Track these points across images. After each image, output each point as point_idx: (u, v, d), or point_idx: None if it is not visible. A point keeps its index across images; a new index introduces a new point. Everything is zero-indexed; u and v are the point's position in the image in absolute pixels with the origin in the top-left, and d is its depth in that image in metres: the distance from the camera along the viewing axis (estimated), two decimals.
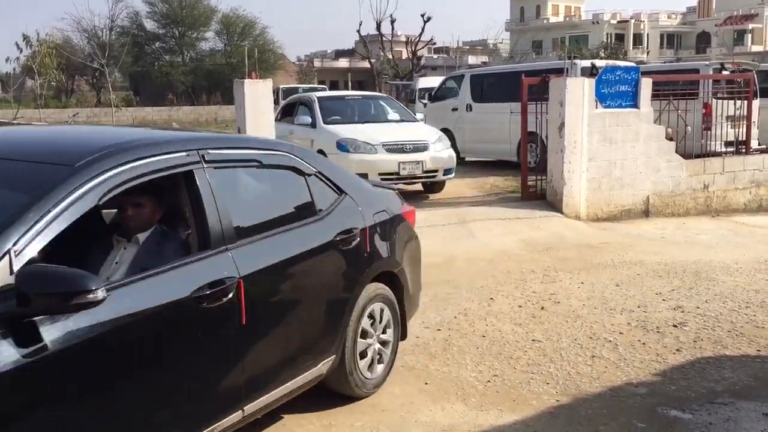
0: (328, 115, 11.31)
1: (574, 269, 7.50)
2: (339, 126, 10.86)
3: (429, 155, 10.38)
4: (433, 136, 10.81)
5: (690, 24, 69.60)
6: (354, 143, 10.13)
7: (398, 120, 11.79)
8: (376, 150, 10.08)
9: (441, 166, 10.54)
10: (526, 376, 4.78)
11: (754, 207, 11.30)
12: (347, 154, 9.88)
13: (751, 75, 12.55)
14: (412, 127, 11.36)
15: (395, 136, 10.50)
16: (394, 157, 10.10)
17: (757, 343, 5.40)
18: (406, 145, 10.27)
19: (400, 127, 11.32)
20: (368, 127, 10.86)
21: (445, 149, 10.79)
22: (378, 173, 9.67)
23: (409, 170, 10.14)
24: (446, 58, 66.03)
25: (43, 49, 19.09)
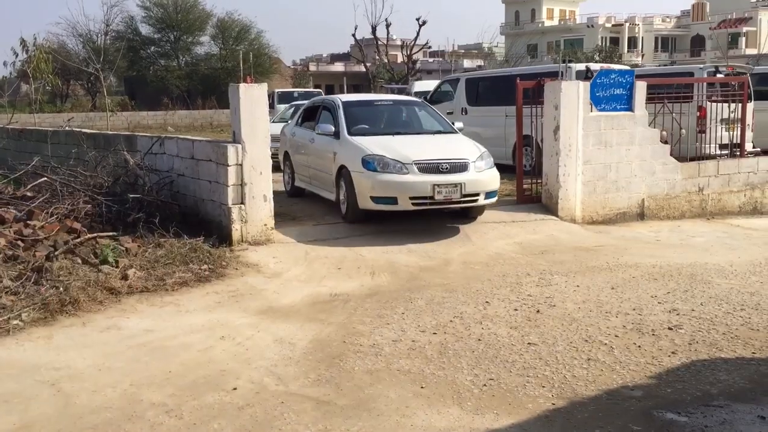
0: (354, 123, 9.72)
1: (570, 272, 7.50)
2: (366, 138, 9.19)
3: (469, 177, 8.66)
4: (474, 153, 9.04)
5: (684, 27, 69.85)
6: (382, 161, 8.57)
7: (434, 131, 10.01)
8: (407, 170, 8.51)
9: (482, 189, 8.82)
10: (522, 380, 4.77)
11: (749, 209, 11.33)
12: (374, 174, 8.52)
13: (746, 78, 12.59)
14: (449, 141, 9.54)
15: (430, 152, 8.86)
16: (428, 179, 8.47)
17: (752, 345, 5.41)
18: (442, 164, 8.61)
19: (435, 140, 9.61)
20: (399, 141, 9.21)
21: (488, 168, 9.00)
22: (409, 197, 8.43)
23: (446, 194, 8.48)
24: (441, 61, 66.10)
25: (39, 54, 19.05)
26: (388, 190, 8.45)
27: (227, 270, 7.34)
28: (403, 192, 8.44)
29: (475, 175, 8.71)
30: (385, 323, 5.88)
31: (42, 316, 5.84)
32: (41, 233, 7.28)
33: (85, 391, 4.59)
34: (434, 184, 8.43)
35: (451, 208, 9.02)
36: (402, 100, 11.34)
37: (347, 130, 9.45)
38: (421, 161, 8.59)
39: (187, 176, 9.06)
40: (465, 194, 8.61)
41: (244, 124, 8.12)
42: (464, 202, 8.77)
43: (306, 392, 4.60)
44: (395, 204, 8.47)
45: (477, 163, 8.83)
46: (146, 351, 5.30)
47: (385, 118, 10.35)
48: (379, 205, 8.54)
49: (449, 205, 8.75)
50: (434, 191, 8.44)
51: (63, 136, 12.81)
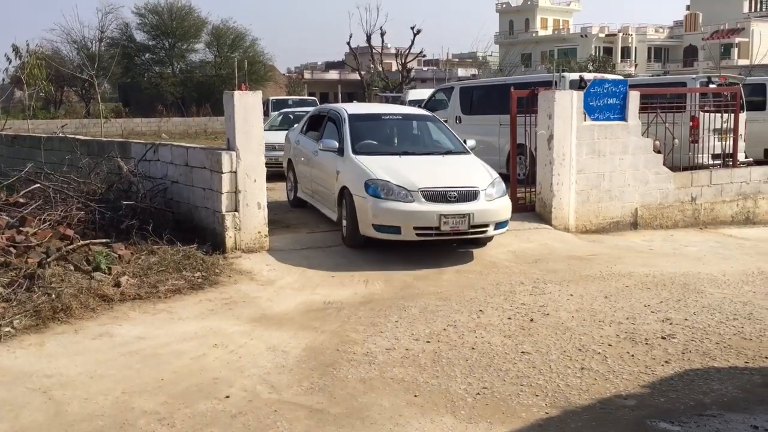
0: (360, 138, 9.11)
1: (563, 281, 7.51)
2: (371, 159, 8.57)
3: (478, 206, 8.07)
4: (485, 179, 8.41)
5: (677, 38, 70.24)
6: (386, 187, 8.00)
7: (444, 151, 9.26)
8: (413, 198, 7.93)
9: (492, 220, 8.23)
10: (515, 389, 4.77)
11: (742, 219, 11.38)
12: (377, 200, 7.94)
13: (738, 88, 12.66)
14: (460, 164, 8.90)
15: (438, 177, 8.28)
16: (435, 208, 7.88)
17: (745, 355, 5.42)
18: (450, 193, 8.01)
19: (445, 163, 8.90)
20: (406, 163, 8.57)
21: (499, 196, 8.39)
22: (413, 227, 7.90)
23: (453, 225, 7.91)
24: (436, 70, 66.34)
25: (32, 60, 19.02)
26: (391, 219, 7.92)
27: (220, 277, 7.33)
28: (407, 221, 7.90)
29: (485, 205, 8.13)
30: (379, 331, 5.87)
31: (34, 323, 5.81)
32: (34, 240, 7.25)
33: (76, 399, 4.56)
34: (441, 215, 7.86)
35: (458, 239, 8.41)
36: (412, 114, 10.36)
37: (352, 147, 8.84)
38: (428, 189, 7.99)
39: (181, 183, 9.04)
40: (473, 225, 8.03)
41: (239, 132, 8.12)
42: (472, 233, 8.18)
43: (299, 400, 4.59)
44: (398, 233, 7.96)
45: (488, 191, 8.23)
46: (138, 358, 5.27)
47: (393, 135, 9.74)
48: (381, 234, 8.04)
49: (456, 236, 8.18)
50: (440, 222, 7.87)
51: (56, 143, 12.77)
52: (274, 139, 14.39)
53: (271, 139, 13.96)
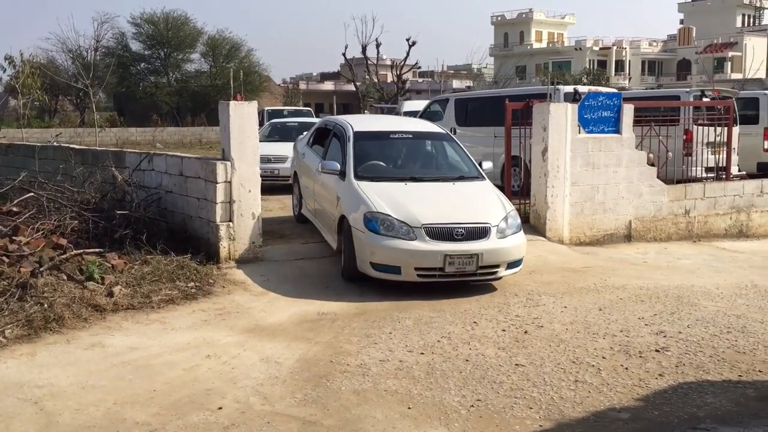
0: (364, 159, 8.37)
1: (558, 293, 7.51)
2: (374, 186, 7.82)
3: (488, 245, 7.28)
4: (498, 212, 7.61)
5: (671, 51, 70.66)
6: (386, 222, 7.24)
7: (455, 177, 8.44)
8: (415, 235, 7.17)
9: (504, 260, 7.42)
10: (509, 401, 4.76)
11: (735, 232, 11.41)
12: (375, 236, 7.21)
13: (731, 102, 12.75)
14: (472, 193, 8.10)
15: (445, 211, 7.50)
16: (439, 247, 7.12)
17: (739, 368, 5.43)
18: (456, 230, 7.23)
19: (455, 192, 8.09)
20: (412, 192, 7.82)
21: (513, 233, 7.58)
22: (415, 267, 7.17)
23: (458, 265, 7.15)
24: (431, 81, 66.49)
25: (27, 69, 19.01)
26: (390, 258, 7.20)
27: (214, 288, 7.31)
28: (408, 261, 7.17)
29: (497, 243, 7.34)
30: (373, 343, 5.86)
31: (26, 333, 5.78)
32: (27, 249, 7.22)
33: (68, 410, 4.53)
34: (446, 254, 7.11)
35: (465, 280, 7.49)
36: (423, 132, 9.30)
37: (354, 170, 8.08)
38: (433, 225, 7.23)
39: (176, 193, 9.03)
40: (482, 266, 7.27)
41: (234, 142, 8.12)
42: (480, 275, 7.41)
43: (292, 412, 4.57)
44: (398, 274, 7.22)
45: (500, 227, 7.45)
46: (131, 369, 5.24)
47: (401, 156, 8.92)
48: (379, 273, 7.29)
49: (462, 278, 7.38)
50: (445, 262, 7.13)
51: (51, 152, 12.75)
52: (268, 151, 14.26)
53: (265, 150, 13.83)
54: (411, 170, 8.59)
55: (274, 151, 14.84)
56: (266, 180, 13.53)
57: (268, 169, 14.12)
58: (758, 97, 15.24)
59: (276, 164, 14.64)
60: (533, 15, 76.32)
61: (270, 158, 14.44)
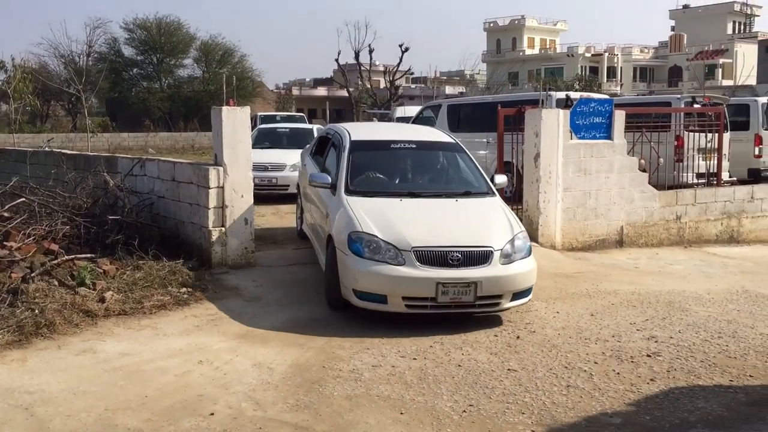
0: (360, 172, 7.57)
1: (550, 298, 7.53)
2: (365, 201, 6.98)
3: (488, 272, 6.32)
4: (504, 233, 6.69)
5: (662, 58, 71.05)
6: (372, 244, 6.34)
7: (460, 192, 7.51)
8: (404, 259, 6.25)
9: (508, 289, 6.44)
10: (501, 406, 4.76)
11: (726, 238, 11.47)
12: (359, 260, 6.34)
13: (722, 108, 12.83)
14: (476, 211, 7.17)
15: (441, 231, 6.55)
16: (430, 274, 6.18)
17: (730, 373, 5.45)
18: (452, 253, 6.28)
19: (457, 209, 7.15)
20: (407, 208, 6.95)
21: (522, 257, 6.63)
22: (402, 296, 6.23)
23: (453, 295, 6.20)
24: (424, 87, 66.66)
25: (18, 74, 18.97)
26: (375, 285, 6.27)
27: (206, 293, 7.29)
28: (394, 289, 6.23)
29: (499, 270, 6.37)
30: (365, 348, 5.85)
31: (16, 339, 5.75)
32: (18, 254, 7.18)
33: (59, 416, 4.51)
34: (438, 282, 6.17)
35: (461, 312, 6.51)
36: (428, 142, 8.31)
37: (346, 184, 7.26)
38: (424, 248, 6.29)
39: (168, 198, 9.01)
40: (481, 296, 6.30)
41: (226, 147, 8.11)
42: (479, 306, 6.42)
43: (284, 418, 4.56)
44: (383, 303, 6.30)
45: (505, 250, 6.50)
46: (122, 375, 5.22)
47: (402, 168, 8.01)
48: (362, 302, 6.40)
49: (458, 309, 6.42)
50: (438, 291, 6.18)
51: (42, 157, 12.71)
52: (265, 158, 13.54)
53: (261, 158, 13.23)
54: (411, 184, 7.70)
55: (272, 158, 14.00)
56: (262, 190, 13.16)
57: (265, 177, 13.43)
58: (749, 103, 15.36)
59: (273, 172, 13.74)
60: (525, 21, 76.64)
61: (267, 166, 13.62)
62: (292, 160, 13.34)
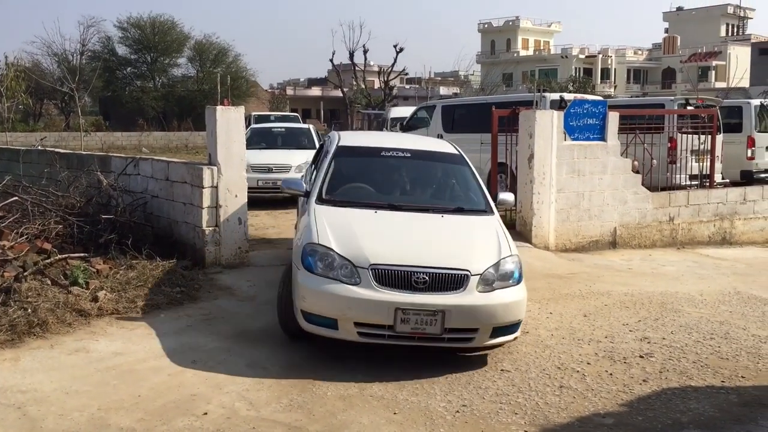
0: (340, 182, 6.75)
1: (543, 299, 7.55)
2: (336, 211, 6.14)
3: (461, 299, 5.33)
4: (489, 255, 5.67)
5: (656, 60, 71.30)
6: (326, 258, 5.46)
7: (452, 208, 6.53)
8: (360, 278, 5.33)
9: (487, 322, 5.37)
10: (494, 406, 4.78)
11: (718, 239, 11.51)
12: (309, 276, 5.44)
13: (715, 110, 12.88)
14: (461, 229, 6.16)
15: (411, 248, 5.63)
16: (389, 297, 5.23)
17: (722, 374, 5.48)
18: (417, 274, 5.33)
19: (440, 225, 6.13)
20: (381, 222, 6.03)
21: (508, 285, 5.59)
22: (354, 322, 5.28)
23: (415, 324, 5.20)
24: (418, 88, 66.67)
25: (11, 73, 18.91)
26: (324, 307, 5.37)
27: (200, 293, 7.28)
28: (345, 313, 5.29)
29: (474, 298, 5.36)
30: (358, 347, 5.84)
31: (9, 338, 5.73)
32: (10, 253, 7.15)
33: (51, 415, 4.50)
34: (398, 308, 5.19)
35: (426, 346, 5.45)
36: (425, 152, 7.34)
37: (320, 192, 6.45)
38: (384, 266, 5.35)
39: (161, 198, 9.00)
40: (450, 328, 5.28)
41: (220, 147, 8.11)
42: (449, 340, 5.38)
43: (278, 417, 4.56)
44: (334, 329, 5.36)
45: (486, 275, 5.49)
46: (115, 374, 5.21)
47: (390, 179, 7.05)
48: (310, 326, 5.47)
49: (421, 342, 5.36)
50: (396, 318, 5.20)
51: (35, 156, 12.67)
52: (269, 159, 13.21)
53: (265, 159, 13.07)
54: (396, 196, 6.72)
55: (276, 159, 13.46)
56: (266, 192, 12.75)
57: (269, 180, 12.89)
58: (742, 105, 15.41)
59: (279, 174, 12.87)
60: (520, 23, 76.79)
61: (270, 167, 13.13)
62: (298, 161, 13.06)
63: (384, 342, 5.37)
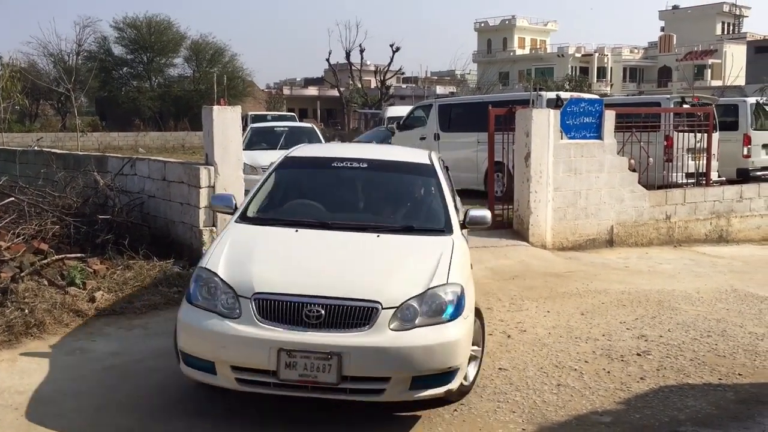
0: (280, 197, 5.88)
1: (540, 298, 7.56)
2: (250, 231, 5.21)
3: (365, 339, 4.21)
4: (414, 284, 4.46)
5: (652, 58, 71.36)
6: (210, 286, 4.51)
7: (397, 227, 5.32)
8: (240, 310, 4.33)
9: (401, 370, 4.23)
10: (492, 405, 4.78)
11: (715, 237, 11.53)
12: (188, 308, 4.52)
13: (711, 109, 12.90)
14: (394, 251, 4.95)
15: (313, 273, 4.55)
16: (272, 335, 4.19)
17: (719, 371, 5.49)
18: (311, 305, 4.26)
19: (367, 248, 4.98)
20: (294, 242, 5.00)
21: (436, 323, 4.35)
22: (231, 365, 4.26)
23: (304, 371, 4.14)
24: (414, 87, 66.70)
25: (7, 73, 18.88)
26: (198, 346, 4.39)
27: None
28: (219, 354, 4.27)
29: (384, 338, 4.18)
30: None
31: (6, 339, 5.72)
32: (7, 254, 7.14)
33: (48, 416, 4.49)
34: (281, 348, 4.14)
35: (320, 398, 4.29)
36: (385, 162, 6.17)
37: (245, 209, 5.52)
38: (270, 295, 4.33)
39: (158, 198, 8.98)
40: (351, 376, 4.15)
41: (217, 147, 8.10)
42: (350, 392, 4.21)
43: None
44: (212, 374, 4.33)
45: (406, 308, 4.29)
46: (113, 375, 5.21)
47: (337, 192, 6.00)
48: (189, 369, 4.48)
49: (314, 393, 4.23)
50: (279, 362, 4.14)
51: (32, 156, 12.64)
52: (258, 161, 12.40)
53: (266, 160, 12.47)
54: (338, 213, 5.61)
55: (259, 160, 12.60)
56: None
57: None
58: (737, 103, 15.43)
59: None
60: (516, 22, 76.78)
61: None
62: None
63: (269, 391, 4.26)
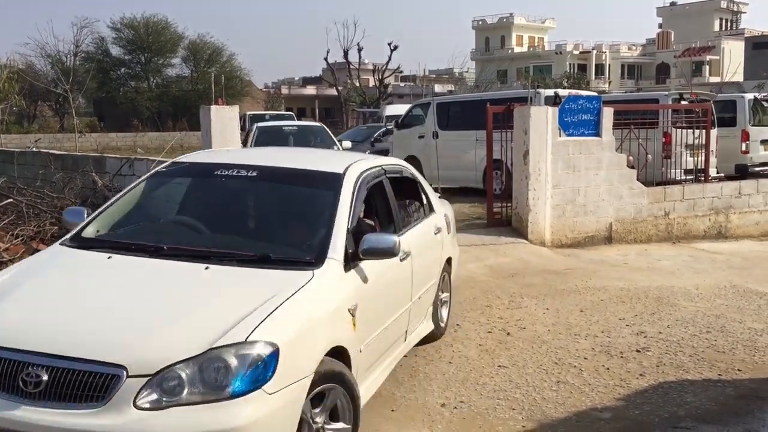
0: (142, 212, 5.01)
1: (539, 295, 7.56)
2: (68, 257, 4.24)
3: (96, 420, 3.00)
4: (192, 339, 3.19)
5: (650, 55, 71.38)
6: None
7: (246, 257, 3.99)
8: None
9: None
10: (492, 402, 4.78)
11: (714, 234, 11.53)
12: None
13: (709, 105, 12.89)
14: (200, 290, 3.69)
15: (62, 319, 3.42)
16: None
17: (718, 367, 5.49)
18: (32, 367, 3.12)
19: (182, 285, 3.76)
20: (84, 274, 4.00)
21: (216, 399, 3.06)
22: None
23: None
24: (413, 86, 66.65)
25: (4, 74, 18.87)
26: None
27: None
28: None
29: (125, 420, 3.01)
30: None
31: None
32: (6, 255, 7.14)
33: None
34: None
35: None
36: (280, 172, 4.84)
37: (83, 228, 4.54)
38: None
39: None
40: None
41: (215, 146, 8.10)
42: None
43: None
44: None
45: (167, 377, 3.10)
46: None
47: (202, 209, 4.97)
48: None
49: None
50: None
51: (30, 157, 12.65)
52: None
53: None
54: (185, 235, 4.52)
55: None
56: None
57: None
58: (735, 100, 15.43)
59: None
60: (514, 19, 76.78)
61: None
62: None
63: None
